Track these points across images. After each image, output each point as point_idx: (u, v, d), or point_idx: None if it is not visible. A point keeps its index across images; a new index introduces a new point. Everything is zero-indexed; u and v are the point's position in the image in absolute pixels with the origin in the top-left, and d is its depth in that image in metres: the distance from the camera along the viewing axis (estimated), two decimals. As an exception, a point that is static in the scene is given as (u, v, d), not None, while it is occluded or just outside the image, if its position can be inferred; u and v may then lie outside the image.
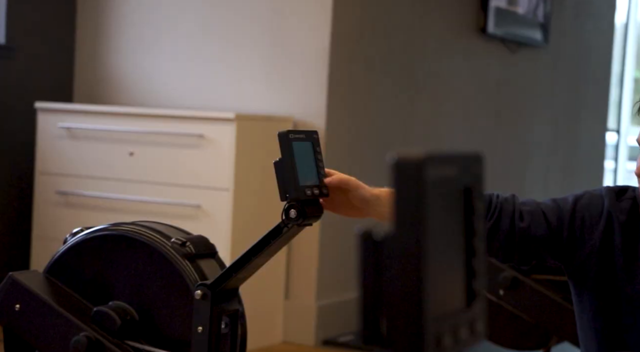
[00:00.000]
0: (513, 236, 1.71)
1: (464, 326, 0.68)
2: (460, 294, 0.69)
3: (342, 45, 3.83)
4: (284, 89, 3.83)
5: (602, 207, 1.72)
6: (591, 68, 5.77)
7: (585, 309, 1.74)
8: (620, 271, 1.68)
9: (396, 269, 0.64)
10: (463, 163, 0.70)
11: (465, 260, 0.70)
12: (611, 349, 1.71)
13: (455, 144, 4.64)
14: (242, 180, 3.51)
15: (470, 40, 4.66)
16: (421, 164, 0.64)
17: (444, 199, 0.68)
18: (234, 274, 1.76)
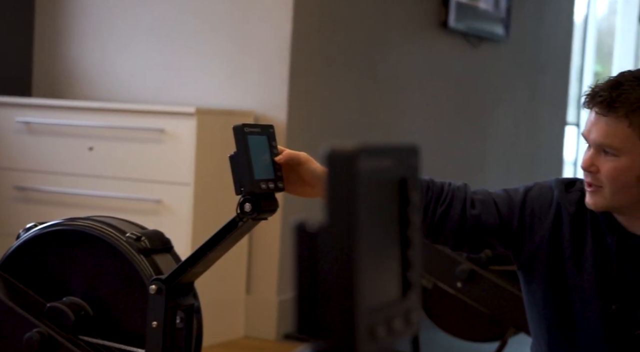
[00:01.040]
0: (464, 223, 1.73)
1: (399, 316, 0.68)
2: (395, 284, 0.70)
3: (303, 39, 3.83)
4: (245, 83, 3.82)
5: (551, 199, 1.75)
6: (551, 62, 5.83)
7: (535, 299, 1.77)
8: (569, 261, 1.71)
9: (329, 260, 0.65)
10: (398, 155, 0.71)
11: (400, 251, 0.70)
12: (560, 337, 1.74)
13: (417, 138, 4.66)
14: (203, 174, 3.50)
15: (431, 34, 4.68)
16: (353, 155, 0.64)
17: (379, 191, 0.69)
18: (189, 268, 1.75)
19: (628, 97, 1.62)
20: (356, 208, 0.64)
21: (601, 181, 1.65)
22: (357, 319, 0.64)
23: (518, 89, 5.51)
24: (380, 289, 0.68)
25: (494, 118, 5.32)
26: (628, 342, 1.68)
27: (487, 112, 5.26)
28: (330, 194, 0.65)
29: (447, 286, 2.71)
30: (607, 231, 1.70)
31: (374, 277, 0.67)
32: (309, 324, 0.66)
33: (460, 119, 5.03)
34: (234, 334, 3.69)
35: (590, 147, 1.68)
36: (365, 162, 0.66)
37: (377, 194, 0.68)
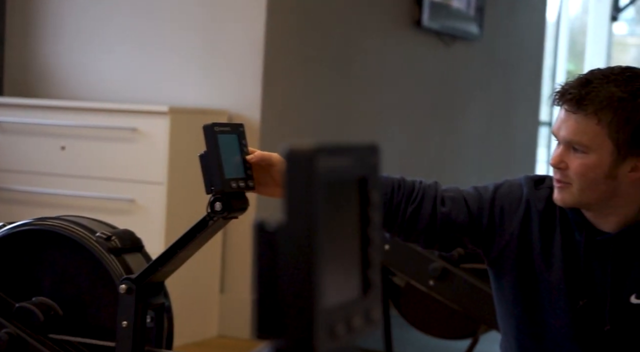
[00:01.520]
0: (435, 221, 1.74)
1: (359, 314, 0.69)
2: (355, 283, 0.70)
3: (277, 38, 3.83)
4: (219, 82, 3.81)
5: (521, 196, 1.76)
6: (524, 61, 5.86)
7: (505, 296, 1.78)
8: (538, 258, 1.72)
9: (288, 259, 0.65)
10: (358, 154, 0.71)
11: (360, 249, 0.71)
12: (529, 334, 1.75)
13: (391, 136, 4.67)
14: (176, 174, 3.49)
15: (405, 33, 4.70)
16: (311, 155, 0.64)
17: (339, 190, 0.69)
18: (159, 268, 1.75)
19: (597, 94, 1.63)
20: (314, 207, 0.64)
21: (570, 178, 1.67)
22: (315, 318, 0.64)
23: (491, 87, 5.54)
24: (340, 288, 0.68)
25: (468, 116, 5.35)
26: (596, 338, 1.69)
27: (460, 111, 5.28)
28: (288, 193, 0.65)
29: (420, 284, 2.72)
30: (575, 228, 1.72)
31: (333, 276, 0.67)
32: (268, 324, 0.66)
33: (434, 117, 5.04)
34: (208, 333, 3.69)
35: (560, 144, 1.69)
36: (324, 161, 0.66)
37: (336, 193, 0.68)
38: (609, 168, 1.64)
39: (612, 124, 1.63)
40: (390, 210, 1.74)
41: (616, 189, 1.66)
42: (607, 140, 1.64)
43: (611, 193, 1.66)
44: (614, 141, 1.63)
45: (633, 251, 1.68)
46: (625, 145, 1.63)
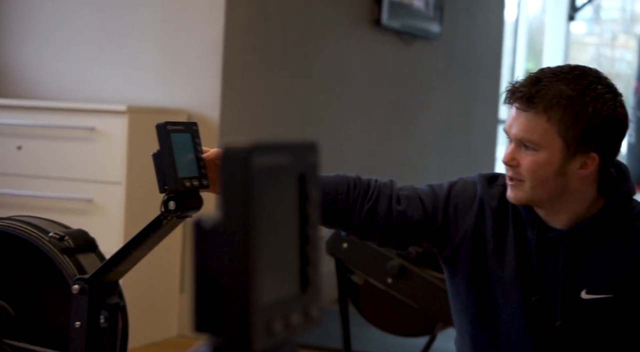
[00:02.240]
0: (390, 219, 1.75)
1: (297, 311, 0.69)
2: (294, 280, 0.70)
3: (236, 37, 3.82)
4: (178, 81, 3.80)
5: (474, 194, 1.78)
6: (483, 60, 5.91)
7: (459, 293, 1.79)
8: (491, 255, 1.74)
9: (225, 257, 0.65)
10: (297, 151, 0.72)
11: (299, 247, 0.71)
12: (483, 330, 1.77)
13: (351, 135, 4.69)
14: (135, 173, 3.47)
15: (365, 32, 4.72)
16: (247, 152, 0.65)
17: (277, 187, 0.69)
18: (113, 267, 1.74)
19: (547, 92, 1.65)
20: (251, 205, 0.65)
21: (522, 175, 1.68)
22: (252, 315, 0.65)
23: (451, 86, 5.58)
24: (277, 285, 0.68)
25: (428, 115, 5.38)
26: (548, 334, 1.71)
27: (420, 109, 5.31)
28: (224, 191, 0.65)
29: (378, 282, 2.73)
30: (527, 225, 1.74)
31: (270, 273, 0.68)
32: (206, 320, 0.66)
33: (395, 116, 5.07)
34: (168, 333, 3.67)
35: (512, 142, 1.71)
36: (261, 158, 0.66)
37: (274, 190, 0.69)
38: (559, 165, 1.67)
39: (562, 122, 1.65)
40: (347, 209, 1.75)
41: (566, 186, 1.68)
42: (557, 138, 1.66)
43: (562, 190, 1.68)
44: (563, 139, 1.65)
45: (583, 247, 1.70)
46: (575, 143, 1.65)
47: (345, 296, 2.81)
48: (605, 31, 10.15)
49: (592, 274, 1.69)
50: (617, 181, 1.74)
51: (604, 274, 1.68)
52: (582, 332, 1.69)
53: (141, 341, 3.48)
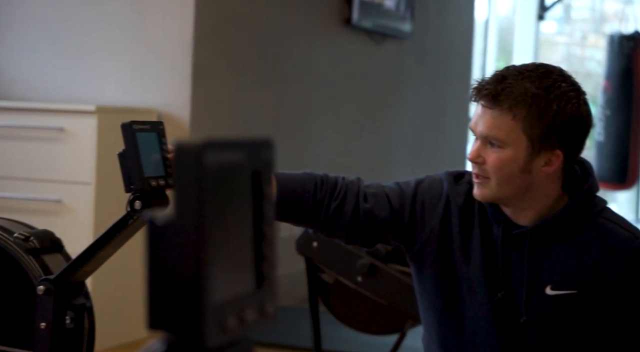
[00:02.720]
0: (357, 217, 1.75)
1: (252, 308, 0.69)
2: (249, 277, 0.71)
3: (206, 37, 3.81)
4: (148, 81, 3.78)
5: (441, 192, 1.79)
6: (454, 60, 5.94)
7: (426, 290, 1.80)
8: (458, 252, 1.75)
9: (178, 254, 0.65)
10: (252, 148, 0.72)
11: (254, 244, 0.71)
12: (450, 326, 1.78)
13: (323, 134, 4.69)
14: (104, 173, 3.45)
15: (335, 32, 4.72)
16: (200, 149, 0.65)
17: (231, 185, 0.69)
18: (78, 267, 1.73)
19: (512, 90, 1.67)
20: (204, 202, 0.65)
21: (487, 172, 1.70)
22: (205, 312, 0.65)
23: (422, 85, 5.60)
24: (232, 282, 0.68)
25: (399, 114, 5.40)
26: (513, 329, 1.73)
27: (391, 108, 5.33)
28: (177, 188, 0.65)
29: (348, 281, 2.74)
30: (493, 222, 1.75)
31: (225, 269, 0.68)
32: (160, 317, 0.66)
33: (366, 116, 5.08)
34: (138, 334, 3.65)
35: (478, 140, 1.72)
36: (214, 156, 0.66)
37: (228, 187, 0.69)
38: (524, 162, 1.68)
39: (527, 119, 1.66)
40: (314, 206, 1.76)
41: (531, 183, 1.69)
42: (522, 135, 1.67)
43: (527, 187, 1.69)
44: (528, 136, 1.67)
45: (548, 243, 1.72)
46: (539, 140, 1.67)
47: (315, 295, 2.81)
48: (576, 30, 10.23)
49: (556, 270, 1.70)
50: (581, 178, 1.75)
51: (568, 270, 1.70)
52: (546, 328, 1.71)
53: (111, 342, 3.47)
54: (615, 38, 6.39)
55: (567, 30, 10.24)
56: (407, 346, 2.82)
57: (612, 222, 1.71)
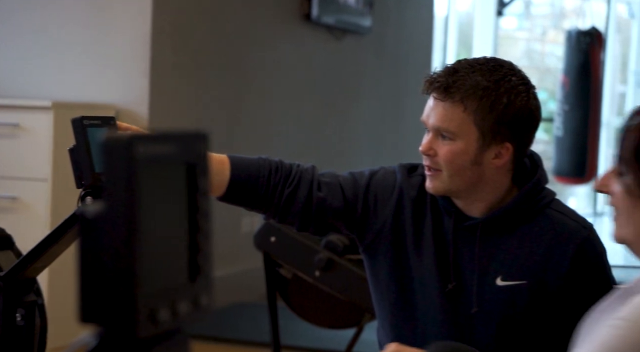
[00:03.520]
0: (310, 205, 1.76)
1: (186, 300, 0.69)
2: (183, 269, 0.71)
3: (164, 32, 3.79)
4: (106, 77, 3.76)
5: (394, 183, 1.80)
6: (414, 55, 5.97)
7: (379, 281, 1.81)
8: (410, 244, 1.76)
9: (109, 246, 0.65)
10: (185, 141, 0.72)
11: (188, 236, 0.71)
12: (403, 318, 1.79)
13: (284, 130, 4.69)
14: (61, 170, 3.42)
15: (295, 27, 4.72)
16: (129, 142, 0.64)
17: (164, 177, 0.69)
18: (29, 264, 1.71)
19: (463, 83, 1.68)
20: (134, 194, 0.65)
21: (439, 165, 1.71)
22: (136, 304, 0.64)
23: (382, 81, 5.62)
24: (165, 274, 0.68)
25: (359, 108, 5.41)
26: (464, 320, 1.74)
27: (352, 103, 5.34)
28: (107, 181, 0.65)
29: (306, 275, 2.74)
30: (445, 214, 1.77)
31: (157, 261, 0.68)
32: (92, 310, 0.66)
33: (327, 111, 5.09)
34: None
35: (429, 132, 1.74)
36: (145, 148, 0.66)
37: (161, 180, 0.69)
38: (475, 155, 1.69)
39: (478, 112, 1.68)
40: (267, 192, 1.76)
41: (482, 176, 1.71)
42: (473, 128, 1.69)
43: (477, 179, 1.71)
44: (479, 128, 1.68)
45: (498, 235, 1.73)
46: (490, 133, 1.69)
47: (273, 290, 2.81)
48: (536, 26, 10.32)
49: (506, 261, 1.72)
50: (530, 171, 1.77)
51: (518, 261, 1.71)
52: (497, 318, 1.72)
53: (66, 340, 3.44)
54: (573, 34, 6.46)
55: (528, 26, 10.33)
56: (364, 340, 2.83)
57: (560, 214, 1.74)
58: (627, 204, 1.33)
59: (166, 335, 0.69)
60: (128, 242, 0.64)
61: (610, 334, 1.24)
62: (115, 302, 0.64)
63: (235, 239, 4.20)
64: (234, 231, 4.24)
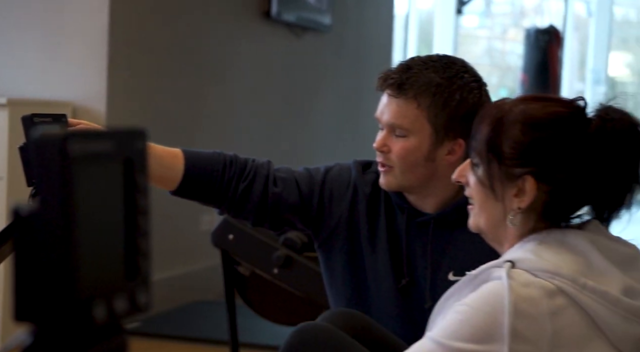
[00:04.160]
0: (265, 200, 1.76)
1: (122, 299, 0.69)
2: (120, 268, 0.70)
3: (122, 28, 3.76)
4: (62, 73, 3.72)
5: (349, 179, 1.81)
6: (373, 53, 5.98)
7: (335, 278, 1.82)
8: (365, 240, 1.78)
9: (44, 244, 0.64)
10: (122, 138, 0.71)
11: (126, 234, 0.71)
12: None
13: (243, 127, 4.68)
14: (17, 168, 3.36)
15: (254, 24, 4.71)
16: (62, 139, 0.64)
17: (100, 175, 0.69)
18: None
19: (417, 79, 1.70)
20: (67, 192, 0.64)
21: (392, 161, 1.72)
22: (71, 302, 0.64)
23: (342, 78, 5.63)
24: (101, 272, 0.68)
25: (319, 106, 5.42)
26: (418, 316, 1.75)
27: (312, 102, 5.34)
28: (40, 179, 0.64)
29: (264, 273, 2.74)
30: (398, 210, 1.78)
31: (94, 260, 0.67)
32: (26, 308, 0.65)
33: (287, 108, 5.08)
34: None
35: (383, 129, 1.74)
36: (79, 145, 0.66)
37: (98, 178, 0.68)
38: (428, 151, 1.71)
39: (431, 108, 1.69)
40: (221, 186, 1.75)
41: (435, 172, 1.73)
42: (427, 124, 1.70)
43: (430, 175, 1.72)
44: (432, 125, 1.70)
45: (450, 230, 1.75)
46: (443, 129, 1.70)
47: (231, 288, 2.81)
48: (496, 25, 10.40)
49: (458, 257, 1.74)
50: (482, 168, 1.79)
51: (469, 256, 1.73)
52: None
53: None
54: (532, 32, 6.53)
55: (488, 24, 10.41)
56: (323, 337, 2.83)
57: None
58: (480, 195, 1.38)
59: (104, 334, 0.68)
60: (63, 240, 0.64)
61: (455, 319, 1.28)
62: (51, 301, 0.64)
63: (194, 237, 4.18)
64: (193, 228, 4.22)
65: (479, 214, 1.40)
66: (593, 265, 1.31)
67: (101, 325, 0.66)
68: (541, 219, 1.36)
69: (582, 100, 1.39)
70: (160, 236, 4.04)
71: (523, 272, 1.29)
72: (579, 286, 1.28)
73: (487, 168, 1.37)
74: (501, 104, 1.40)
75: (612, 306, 1.28)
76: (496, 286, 1.28)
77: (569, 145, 1.33)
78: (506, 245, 1.39)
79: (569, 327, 1.27)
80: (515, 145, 1.34)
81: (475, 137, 1.39)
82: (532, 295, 1.27)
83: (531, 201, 1.34)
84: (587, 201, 1.37)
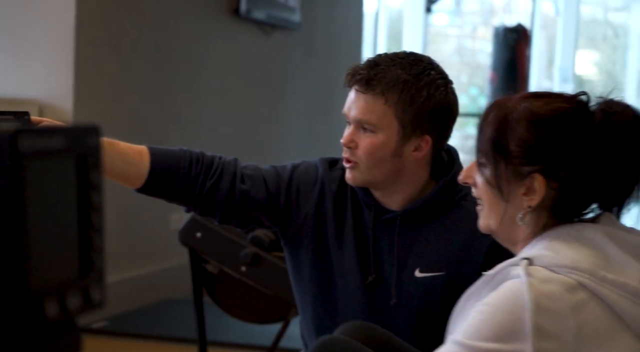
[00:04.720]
0: (233, 197, 1.75)
1: (76, 295, 0.68)
2: (73, 264, 0.69)
3: (88, 25, 3.73)
4: (28, 71, 3.68)
5: (316, 176, 1.81)
6: (343, 51, 5.99)
7: (301, 275, 1.82)
8: (332, 237, 1.77)
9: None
10: (75, 134, 0.70)
11: (79, 231, 0.70)
12: (324, 311, 1.80)
13: (213, 125, 4.66)
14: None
15: (224, 22, 4.69)
16: (12, 135, 0.63)
17: (53, 171, 0.68)
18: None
19: (384, 76, 1.70)
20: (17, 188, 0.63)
21: (358, 157, 1.72)
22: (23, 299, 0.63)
23: (311, 76, 5.62)
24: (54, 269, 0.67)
25: (289, 105, 5.41)
26: (384, 312, 1.76)
27: (282, 100, 5.34)
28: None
29: (232, 271, 2.73)
30: (364, 207, 1.78)
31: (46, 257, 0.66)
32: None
33: (256, 106, 5.07)
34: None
35: (351, 125, 1.74)
36: (31, 142, 0.65)
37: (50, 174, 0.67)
38: (395, 147, 1.71)
39: (398, 104, 1.70)
40: (188, 183, 1.74)
41: (401, 168, 1.73)
42: (394, 120, 1.70)
43: (397, 171, 1.73)
44: (399, 121, 1.70)
45: (416, 227, 1.75)
46: (410, 125, 1.70)
47: (199, 286, 2.80)
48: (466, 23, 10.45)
49: (424, 253, 1.74)
50: (447, 164, 1.80)
51: (436, 253, 1.74)
52: (415, 310, 1.74)
53: None
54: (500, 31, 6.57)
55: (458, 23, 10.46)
56: (291, 334, 2.83)
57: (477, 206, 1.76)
58: (489, 195, 1.37)
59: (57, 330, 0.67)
60: (13, 236, 0.63)
61: (476, 319, 1.28)
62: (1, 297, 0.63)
63: (164, 235, 4.16)
64: (162, 227, 4.20)
65: (489, 215, 1.39)
66: (610, 257, 1.30)
67: (54, 321, 0.65)
68: (552, 216, 1.35)
69: (585, 95, 1.38)
70: (128, 235, 4.02)
71: (541, 269, 1.28)
72: (599, 279, 1.27)
73: (494, 168, 1.35)
74: (503, 103, 1.39)
75: (633, 297, 1.27)
76: (515, 284, 1.26)
77: (575, 141, 1.32)
78: (519, 244, 1.37)
79: (592, 321, 1.26)
80: (522, 143, 1.33)
81: (479, 137, 1.38)
82: (553, 291, 1.26)
83: (541, 199, 1.33)
84: (597, 194, 1.36)
